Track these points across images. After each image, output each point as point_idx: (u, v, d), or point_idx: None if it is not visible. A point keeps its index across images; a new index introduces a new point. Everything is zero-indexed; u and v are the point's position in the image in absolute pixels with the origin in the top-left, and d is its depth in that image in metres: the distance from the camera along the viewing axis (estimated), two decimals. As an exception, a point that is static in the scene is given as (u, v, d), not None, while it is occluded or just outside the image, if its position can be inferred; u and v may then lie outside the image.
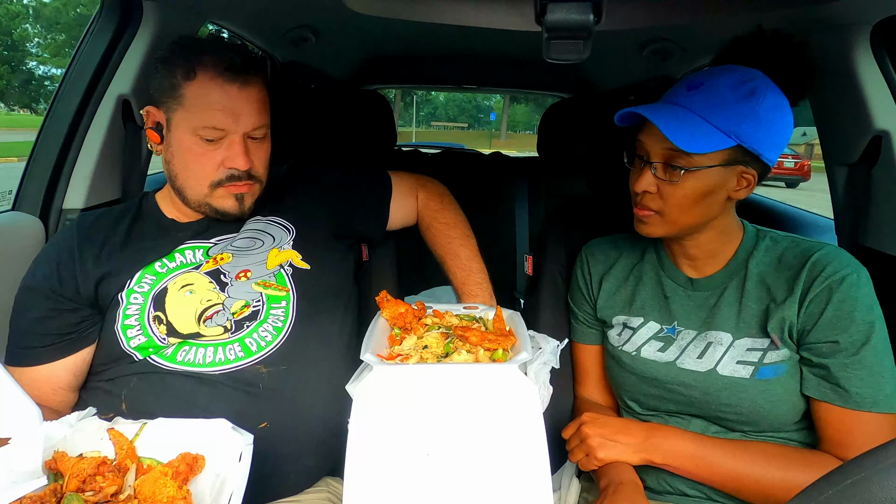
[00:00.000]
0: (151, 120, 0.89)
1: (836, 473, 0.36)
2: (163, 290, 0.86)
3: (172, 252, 0.90)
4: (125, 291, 0.86)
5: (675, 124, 0.76)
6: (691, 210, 0.80)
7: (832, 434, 0.77)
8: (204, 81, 0.83)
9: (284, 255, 0.94)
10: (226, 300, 0.87)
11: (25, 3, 35.85)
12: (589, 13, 0.56)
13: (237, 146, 0.86)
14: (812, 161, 14.56)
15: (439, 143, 7.93)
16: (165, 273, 0.88)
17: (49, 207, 1.06)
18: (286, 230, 0.97)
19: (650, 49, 1.53)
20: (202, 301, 0.86)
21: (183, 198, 0.91)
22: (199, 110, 0.84)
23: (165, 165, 0.90)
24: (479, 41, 1.76)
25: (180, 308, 0.85)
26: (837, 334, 0.75)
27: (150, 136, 0.89)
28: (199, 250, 0.91)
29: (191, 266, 0.89)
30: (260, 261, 0.92)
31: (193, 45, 0.86)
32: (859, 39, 0.95)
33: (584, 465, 0.86)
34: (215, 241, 0.93)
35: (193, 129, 0.85)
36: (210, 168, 0.87)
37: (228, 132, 0.86)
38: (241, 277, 0.89)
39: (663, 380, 0.87)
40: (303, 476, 0.89)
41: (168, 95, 0.85)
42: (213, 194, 0.89)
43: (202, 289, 0.87)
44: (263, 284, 0.90)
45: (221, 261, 0.90)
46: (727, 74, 0.78)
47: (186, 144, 0.86)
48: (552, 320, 1.09)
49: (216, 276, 0.89)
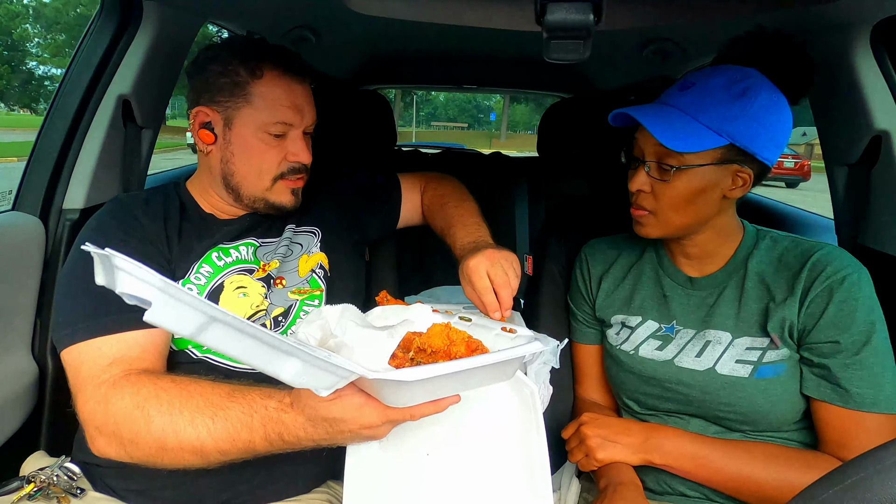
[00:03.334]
0: (200, 120, 0.89)
1: (835, 474, 0.36)
2: (219, 287, 0.87)
3: (227, 246, 0.90)
4: (183, 280, 0.86)
5: (663, 123, 0.76)
6: (685, 209, 0.80)
7: (832, 434, 0.77)
8: (273, 79, 0.86)
9: (314, 259, 0.97)
10: (269, 306, 0.89)
11: (25, 3, 35.87)
12: (589, 13, 0.56)
13: (300, 141, 0.90)
14: (812, 161, 14.56)
15: (439, 143, 7.93)
16: (223, 267, 0.89)
17: (49, 207, 1.06)
18: (313, 234, 1.00)
19: (650, 49, 1.53)
20: (252, 305, 0.87)
21: (237, 195, 0.91)
22: (267, 107, 0.86)
23: (220, 164, 0.90)
24: (479, 41, 1.76)
25: (233, 308, 0.84)
26: (838, 334, 0.75)
27: (202, 136, 0.89)
28: (250, 248, 0.93)
29: (244, 263, 0.90)
30: (293, 269, 0.94)
31: (253, 45, 0.89)
32: (859, 39, 0.95)
33: (584, 466, 0.86)
34: (261, 241, 0.94)
35: (261, 126, 0.86)
36: (274, 162, 0.89)
37: (294, 127, 0.89)
38: (277, 284, 0.91)
39: (662, 378, 0.87)
40: (306, 479, 0.89)
41: (229, 95, 0.86)
42: (272, 189, 0.91)
43: (254, 293, 0.88)
44: (298, 292, 0.92)
45: (269, 268, 0.92)
46: (720, 74, 0.78)
47: (251, 141, 0.87)
48: (552, 320, 1.09)
49: (267, 283, 0.90)
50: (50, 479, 0.80)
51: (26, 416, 0.97)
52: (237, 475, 0.82)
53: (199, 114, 0.88)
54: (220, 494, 0.82)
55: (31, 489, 0.79)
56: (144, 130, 1.15)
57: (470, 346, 0.69)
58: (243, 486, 0.83)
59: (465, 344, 0.68)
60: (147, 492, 0.81)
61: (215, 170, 0.91)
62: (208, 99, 0.87)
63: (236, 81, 0.85)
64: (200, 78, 0.88)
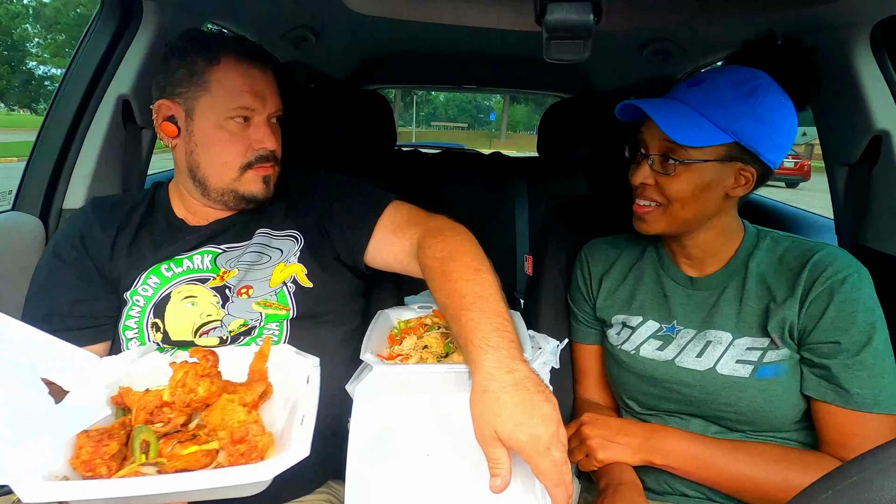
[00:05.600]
0: (163, 114, 0.88)
1: (836, 474, 0.36)
2: (165, 298, 0.85)
3: (181, 257, 0.88)
4: (129, 292, 0.85)
5: (670, 116, 0.77)
6: (689, 205, 0.80)
7: (832, 435, 0.77)
8: (230, 65, 0.85)
9: (290, 269, 0.91)
10: (224, 317, 0.85)
11: (25, 3, 35.88)
12: (589, 13, 0.56)
13: (264, 127, 0.88)
14: (812, 161, 14.56)
15: (439, 143, 7.92)
16: (171, 277, 0.87)
17: (49, 207, 1.06)
18: (294, 240, 0.93)
19: (650, 49, 1.53)
20: (202, 315, 0.85)
21: (204, 188, 0.89)
22: (226, 93, 0.85)
23: (185, 157, 0.89)
24: (479, 41, 1.76)
25: (179, 318, 0.85)
26: (839, 335, 0.75)
27: (164, 129, 0.88)
28: (208, 256, 0.89)
29: (197, 273, 0.88)
30: (264, 277, 0.89)
31: (209, 36, 0.88)
32: (859, 39, 0.95)
33: (584, 466, 0.86)
34: (224, 247, 0.90)
35: (221, 113, 0.85)
36: (239, 151, 0.87)
37: (256, 113, 0.87)
38: (242, 294, 0.87)
39: (662, 378, 0.87)
40: (306, 479, 0.88)
41: (188, 85, 0.85)
42: (241, 179, 0.89)
43: (205, 303, 0.86)
44: (264, 304, 0.87)
45: (227, 276, 0.88)
46: (730, 73, 0.78)
47: (213, 130, 0.86)
48: (552, 320, 1.09)
49: (221, 292, 0.87)
50: (49, 480, 0.80)
51: (26, 416, 0.97)
52: None
53: (161, 107, 0.88)
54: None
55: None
56: (144, 130, 1.16)
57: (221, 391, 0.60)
58: None
59: (219, 390, 0.60)
60: None
61: (181, 164, 0.90)
62: (169, 92, 0.87)
63: (194, 70, 0.85)
64: (162, 72, 0.88)
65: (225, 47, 0.86)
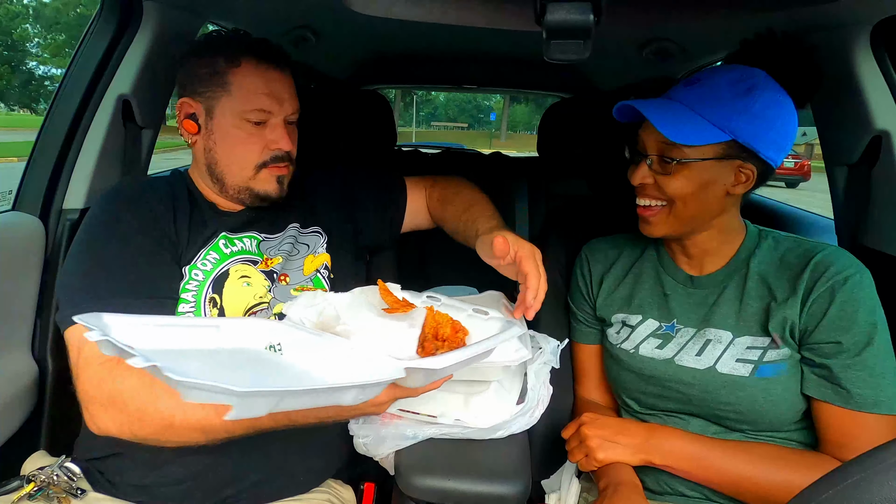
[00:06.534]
0: (185, 112, 0.91)
1: (836, 474, 0.36)
2: (224, 274, 0.88)
3: (233, 236, 0.92)
4: (189, 266, 0.87)
5: (666, 116, 0.77)
6: (691, 203, 0.81)
7: (832, 435, 0.77)
8: (249, 68, 0.88)
9: (319, 259, 0.98)
10: (272, 300, 0.89)
11: (25, 3, 35.88)
12: (589, 13, 0.56)
13: (280, 128, 0.91)
14: (812, 161, 14.56)
15: (439, 143, 7.93)
16: (229, 255, 0.90)
17: (49, 207, 1.06)
18: (319, 235, 1.01)
19: (650, 49, 1.53)
20: (255, 296, 0.88)
21: (222, 185, 0.93)
22: (244, 95, 0.88)
23: (204, 154, 0.92)
24: (479, 41, 1.76)
25: (236, 296, 0.87)
26: (840, 335, 0.75)
27: (185, 126, 0.91)
28: (253, 240, 0.94)
29: (249, 255, 0.91)
30: (298, 267, 0.95)
31: (233, 37, 0.91)
32: (859, 39, 0.95)
33: (584, 466, 0.86)
34: (263, 236, 0.95)
35: (239, 114, 0.88)
36: (255, 150, 0.91)
37: (273, 115, 0.90)
38: (281, 280, 0.92)
39: (661, 377, 0.87)
40: (309, 476, 0.89)
41: (210, 84, 0.88)
42: (256, 177, 0.92)
43: (258, 284, 0.89)
44: (302, 290, 0.92)
45: (272, 263, 0.93)
46: (726, 72, 0.78)
47: (231, 129, 0.89)
48: (552, 320, 1.08)
49: (270, 276, 0.91)
50: (50, 479, 0.80)
51: (26, 416, 0.97)
52: (237, 472, 0.82)
53: (183, 105, 0.91)
54: (220, 492, 0.82)
55: (32, 489, 0.79)
56: (144, 130, 1.15)
57: (455, 328, 0.73)
58: (243, 483, 0.83)
59: (451, 325, 0.73)
60: (148, 488, 0.81)
61: (200, 160, 0.94)
62: (191, 90, 0.90)
63: (216, 71, 0.88)
64: (184, 71, 0.91)
65: (246, 50, 0.88)
